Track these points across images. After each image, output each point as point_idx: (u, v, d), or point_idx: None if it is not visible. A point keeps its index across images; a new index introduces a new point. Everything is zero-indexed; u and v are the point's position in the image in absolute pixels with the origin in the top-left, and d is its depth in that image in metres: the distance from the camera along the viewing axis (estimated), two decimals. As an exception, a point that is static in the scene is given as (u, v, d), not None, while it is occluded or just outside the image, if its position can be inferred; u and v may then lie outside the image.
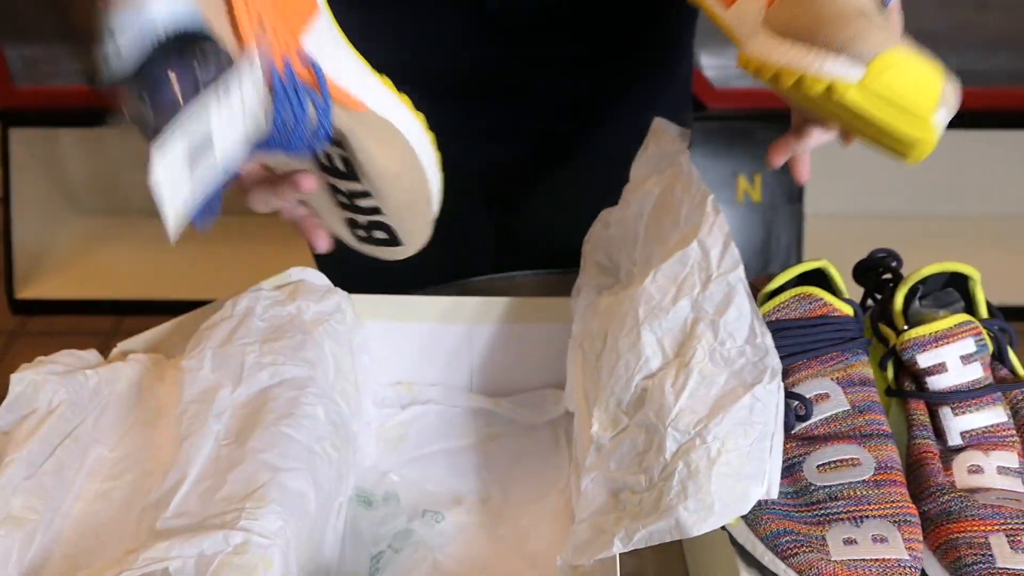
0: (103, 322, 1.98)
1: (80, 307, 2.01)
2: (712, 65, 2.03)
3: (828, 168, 2.05)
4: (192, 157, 0.46)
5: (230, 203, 0.63)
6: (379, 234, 0.57)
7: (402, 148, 0.54)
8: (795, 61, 0.45)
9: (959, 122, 1.95)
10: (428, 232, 0.58)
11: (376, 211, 0.55)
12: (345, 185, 0.55)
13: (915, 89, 0.45)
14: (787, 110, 0.61)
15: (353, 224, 0.57)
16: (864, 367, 0.56)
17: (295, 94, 0.49)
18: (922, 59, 0.46)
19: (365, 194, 0.54)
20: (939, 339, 0.55)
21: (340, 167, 0.54)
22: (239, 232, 2.20)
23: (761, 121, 1.89)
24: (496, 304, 0.73)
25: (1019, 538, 0.48)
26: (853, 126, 0.52)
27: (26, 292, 2.01)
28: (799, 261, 0.63)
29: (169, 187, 0.45)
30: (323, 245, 0.60)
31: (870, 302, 0.65)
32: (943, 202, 2.20)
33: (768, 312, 0.58)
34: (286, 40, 0.50)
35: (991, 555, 0.47)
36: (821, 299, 0.58)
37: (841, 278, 0.61)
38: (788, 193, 1.94)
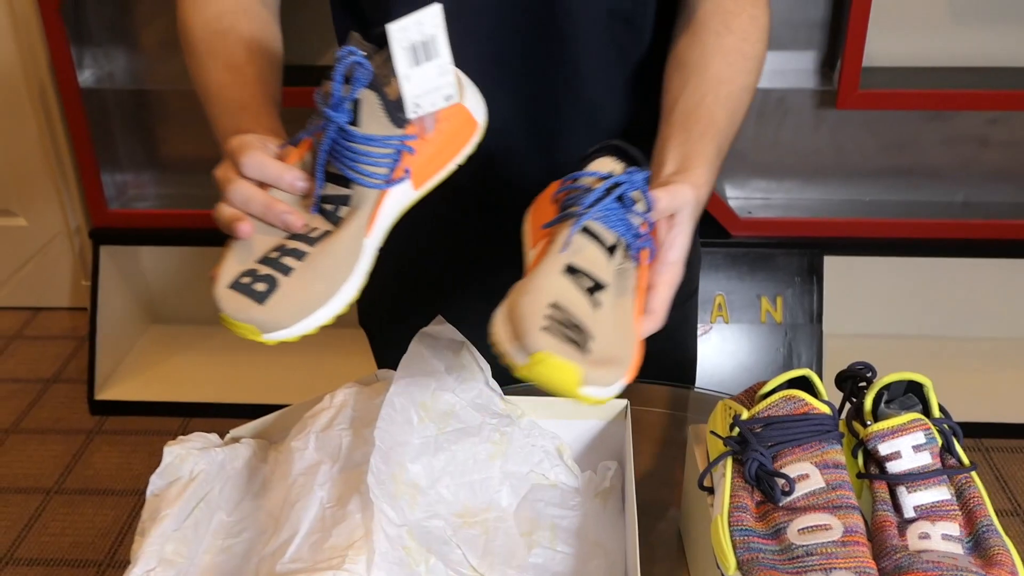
0: (172, 423, 2.15)
1: (151, 408, 2.18)
2: (735, 196, 2.22)
3: (848, 293, 2.21)
4: None
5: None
6: (260, 286, 0.64)
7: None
8: (499, 342, 0.62)
9: (964, 251, 2.12)
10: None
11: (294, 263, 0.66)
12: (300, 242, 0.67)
13: (555, 380, 0.60)
14: (805, 239, 0.77)
15: (265, 261, 0.66)
16: (838, 454, 0.71)
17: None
18: (564, 359, 0.59)
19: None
20: (895, 432, 0.69)
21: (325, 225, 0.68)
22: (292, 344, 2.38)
23: (781, 248, 2.07)
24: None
25: (953, 586, 0.61)
26: None
27: (105, 394, 2.20)
28: (819, 377, 0.77)
29: None
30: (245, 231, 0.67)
31: (848, 404, 0.79)
32: (951, 325, 2.33)
33: (761, 410, 0.73)
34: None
35: (930, 598, 0.61)
36: (804, 400, 0.73)
37: (822, 384, 0.76)
38: (808, 314, 2.09)
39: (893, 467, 0.69)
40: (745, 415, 0.74)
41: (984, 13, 2.02)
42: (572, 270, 0.66)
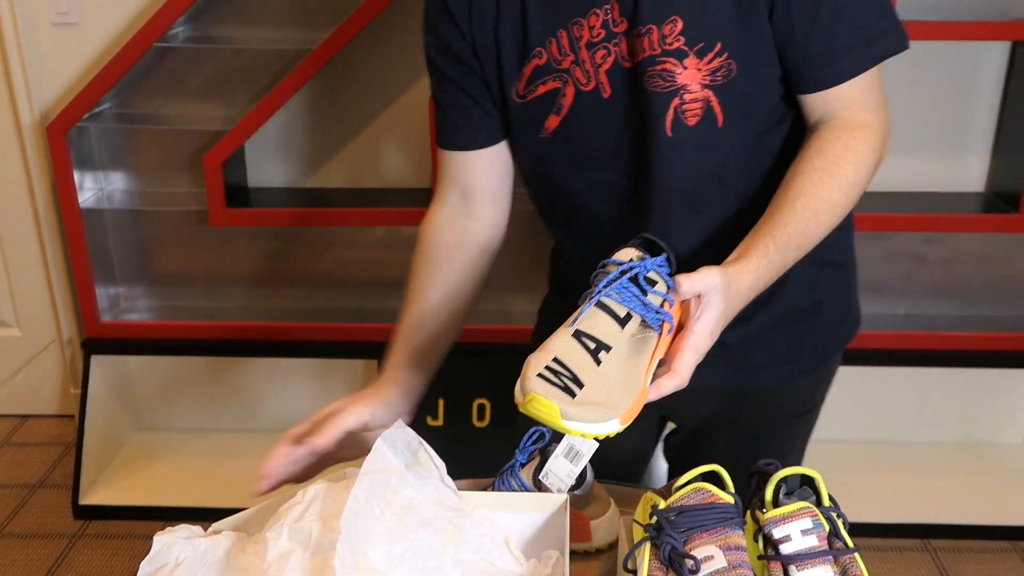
0: (154, 526, 2.21)
1: (135, 512, 2.25)
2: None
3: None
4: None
5: (265, 422, 0.95)
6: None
7: None
8: (516, 385, 0.83)
9: (907, 361, 2.26)
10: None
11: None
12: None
13: (540, 414, 0.81)
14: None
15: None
16: (739, 538, 0.82)
17: None
18: (547, 399, 0.80)
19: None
20: (786, 518, 0.81)
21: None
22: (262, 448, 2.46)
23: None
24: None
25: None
26: None
27: (89, 499, 2.27)
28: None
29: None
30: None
31: (755, 496, 0.91)
32: (897, 431, 2.45)
33: (675, 500, 0.85)
34: None
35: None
36: (710, 491, 0.84)
37: (729, 478, 0.88)
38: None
39: (785, 548, 0.81)
40: (662, 505, 0.86)
41: (918, 142, 2.21)
42: (579, 334, 0.84)
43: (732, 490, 0.87)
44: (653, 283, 0.87)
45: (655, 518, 0.85)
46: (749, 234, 0.98)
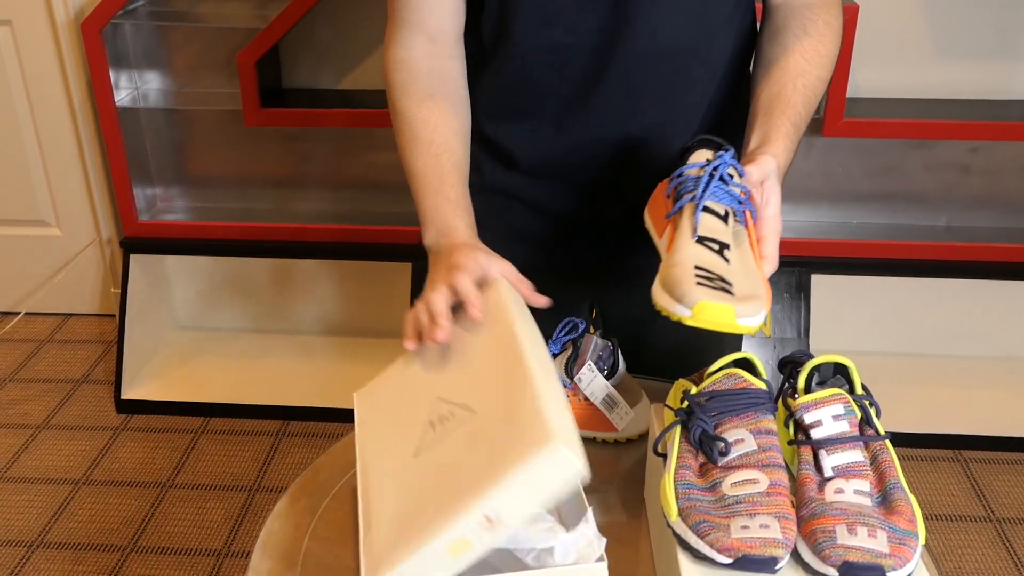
0: (193, 421, 2.28)
1: (173, 408, 2.31)
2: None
3: (834, 310, 2.32)
4: None
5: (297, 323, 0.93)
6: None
7: None
8: (664, 306, 0.81)
9: (946, 272, 2.24)
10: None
11: None
12: None
13: (717, 320, 0.78)
14: (794, 258, 0.96)
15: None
16: (770, 423, 0.82)
17: None
18: (719, 302, 0.78)
19: None
20: (818, 403, 0.81)
21: None
22: (307, 349, 2.52)
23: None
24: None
25: (854, 528, 0.73)
26: None
27: (130, 394, 2.33)
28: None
29: None
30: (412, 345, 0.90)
31: (787, 385, 0.91)
32: (932, 343, 2.43)
33: (707, 385, 0.85)
34: None
35: (835, 536, 0.72)
36: (742, 377, 0.84)
37: (762, 365, 0.88)
38: (796, 329, 2.21)
39: (816, 433, 0.81)
40: (694, 390, 0.86)
41: (965, 48, 2.14)
42: (702, 240, 0.85)
43: (764, 377, 0.87)
44: (731, 177, 0.89)
45: (686, 402, 0.86)
46: (757, 118, 1.01)
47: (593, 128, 1.08)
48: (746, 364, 0.89)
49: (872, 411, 0.83)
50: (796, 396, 0.84)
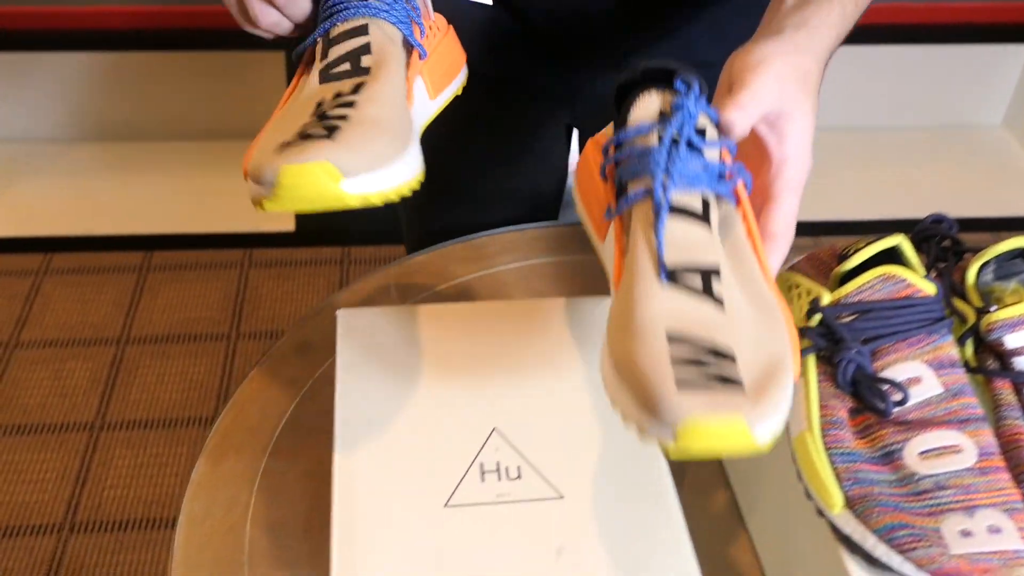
0: (30, 261, 1.87)
1: (3, 245, 1.89)
2: None
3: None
4: None
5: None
6: (319, 131, 0.50)
7: None
8: (628, 417, 0.42)
9: (884, 38, 1.97)
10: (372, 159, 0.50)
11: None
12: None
13: (719, 444, 0.40)
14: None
15: (311, 124, 0.51)
16: (951, 348, 0.56)
17: None
18: (721, 417, 0.40)
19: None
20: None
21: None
22: (161, 160, 2.11)
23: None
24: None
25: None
26: None
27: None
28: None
29: None
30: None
31: (933, 273, 0.65)
32: (878, 115, 2.28)
33: (851, 293, 0.57)
34: None
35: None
36: (905, 280, 0.57)
37: (916, 255, 0.61)
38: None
39: (1021, 363, 0.56)
40: (827, 298, 0.58)
41: None
42: (671, 275, 0.47)
43: (923, 273, 0.60)
44: (703, 136, 0.52)
45: (819, 317, 0.58)
46: None
47: None
48: (890, 256, 0.61)
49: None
50: (975, 304, 0.58)
